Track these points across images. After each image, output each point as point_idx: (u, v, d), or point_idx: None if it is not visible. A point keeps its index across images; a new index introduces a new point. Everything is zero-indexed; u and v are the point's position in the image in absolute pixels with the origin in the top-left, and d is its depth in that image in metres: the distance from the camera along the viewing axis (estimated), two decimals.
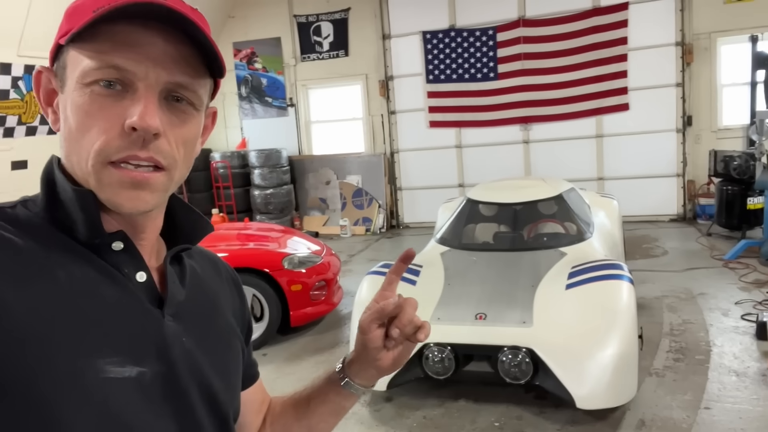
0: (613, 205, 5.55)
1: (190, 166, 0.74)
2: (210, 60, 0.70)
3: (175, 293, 0.75)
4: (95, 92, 0.65)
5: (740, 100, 7.91)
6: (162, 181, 0.68)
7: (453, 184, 9.03)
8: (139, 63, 0.65)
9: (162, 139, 0.66)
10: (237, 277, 0.95)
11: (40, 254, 0.64)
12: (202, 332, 0.77)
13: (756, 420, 3.04)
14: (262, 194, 9.11)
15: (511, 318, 3.31)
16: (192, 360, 0.73)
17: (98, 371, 0.62)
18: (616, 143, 8.43)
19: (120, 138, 0.64)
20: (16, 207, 0.69)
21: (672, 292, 5.18)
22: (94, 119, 0.65)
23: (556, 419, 3.22)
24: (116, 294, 0.67)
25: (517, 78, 8.56)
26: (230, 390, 0.81)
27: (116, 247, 0.69)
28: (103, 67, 0.64)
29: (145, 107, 0.64)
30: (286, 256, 4.72)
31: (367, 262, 7.24)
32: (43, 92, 0.72)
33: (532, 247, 4.23)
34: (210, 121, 0.80)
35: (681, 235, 7.54)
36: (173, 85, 0.67)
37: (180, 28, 0.66)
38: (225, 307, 0.87)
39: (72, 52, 0.66)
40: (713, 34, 7.86)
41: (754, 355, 3.78)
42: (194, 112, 0.71)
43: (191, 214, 0.82)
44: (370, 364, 0.88)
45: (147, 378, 0.66)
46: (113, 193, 0.66)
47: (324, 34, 9.31)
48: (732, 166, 6.77)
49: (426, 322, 0.85)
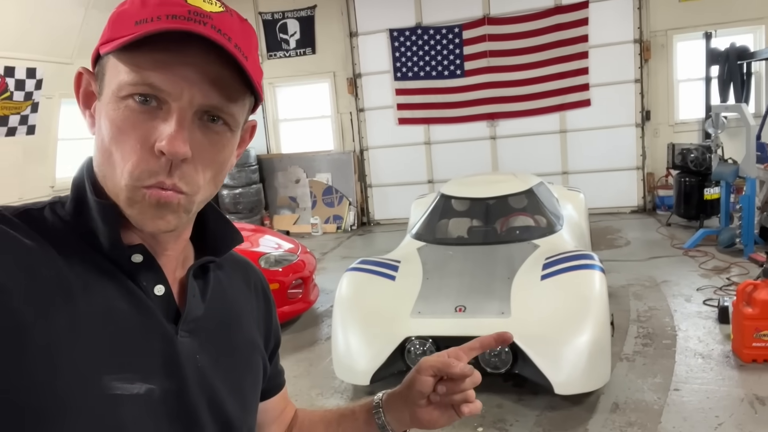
0: (580, 198, 5.73)
1: (219, 185, 0.73)
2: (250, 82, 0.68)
3: (193, 308, 0.74)
4: (129, 107, 0.64)
5: (695, 94, 8.26)
6: (184, 203, 0.67)
7: (423, 181, 9.13)
8: (175, 84, 0.64)
9: (189, 165, 0.66)
10: (267, 285, 0.93)
11: (57, 263, 0.63)
12: (219, 349, 0.76)
13: (723, 399, 3.22)
14: (230, 194, 9.02)
15: (490, 309, 3.40)
16: (205, 378, 0.72)
17: (105, 387, 0.61)
18: (579, 138, 8.67)
19: (149, 160, 0.64)
20: (45, 209, 0.69)
21: (637, 281, 5.38)
22: (126, 135, 0.65)
23: (534, 406, 3.33)
24: (130, 308, 0.66)
25: (483, 75, 8.71)
26: (245, 410, 0.80)
27: (135, 259, 0.69)
28: (138, 83, 0.64)
29: (176, 131, 0.64)
30: (263, 255, 4.71)
31: (340, 259, 7.27)
32: (83, 94, 0.72)
33: (506, 240, 4.34)
34: (248, 134, 0.79)
35: (642, 225, 7.81)
36: (208, 107, 0.66)
37: (217, 48, 0.65)
38: (249, 321, 0.85)
39: (112, 60, 0.66)
40: (669, 31, 8.17)
41: (718, 338, 3.98)
42: (228, 133, 0.70)
43: (223, 224, 0.81)
44: (407, 406, 0.86)
45: (156, 395, 0.65)
46: (139, 212, 0.66)
47: (290, 31, 9.26)
48: (689, 159, 7.06)
49: (477, 401, 0.84)
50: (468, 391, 0.83)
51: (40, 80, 6.51)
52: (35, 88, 6.51)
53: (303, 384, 3.88)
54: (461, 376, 0.82)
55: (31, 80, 6.43)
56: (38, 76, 6.47)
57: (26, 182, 6.79)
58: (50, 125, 6.89)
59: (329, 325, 4.78)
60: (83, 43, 6.72)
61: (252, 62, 0.68)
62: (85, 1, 6.68)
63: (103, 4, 6.66)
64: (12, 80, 6.22)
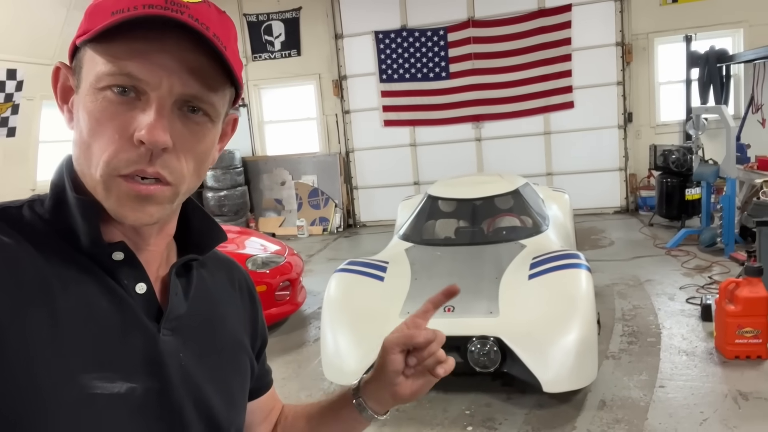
0: (565, 198, 5.79)
1: (202, 176, 0.71)
2: (230, 71, 0.68)
3: (176, 306, 0.72)
4: (107, 98, 0.63)
5: (676, 97, 8.39)
6: (167, 195, 0.66)
7: (408, 182, 9.15)
8: (153, 72, 0.63)
9: (170, 154, 0.65)
10: (252, 284, 0.92)
11: (36, 262, 0.62)
12: (204, 347, 0.75)
13: (707, 395, 3.27)
14: (215, 196, 8.96)
15: (478, 309, 3.42)
16: (189, 377, 0.71)
17: (84, 387, 0.60)
18: (562, 140, 8.76)
19: (128, 150, 0.63)
20: (23, 207, 0.68)
21: (621, 280, 5.45)
22: (103, 127, 0.63)
23: (523, 404, 3.35)
24: (110, 307, 0.65)
25: (468, 77, 8.76)
26: (232, 408, 0.79)
27: (116, 257, 0.68)
28: (116, 73, 0.63)
29: (155, 120, 0.62)
30: (250, 257, 4.69)
31: (326, 261, 7.26)
32: (60, 89, 0.71)
33: (493, 241, 4.37)
34: (230, 127, 0.78)
35: (625, 226, 7.92)
36: (188, 96, 0.65)
37: (197, 37, 0.65)
38: (234, 320, 0.84)
39: (89, 53, 0.65)
40: (651, 34, 8.29)
41: (701, 336, 4.05)
42: (209, 124, 0.69)
43: (206, 222, 0.80)
44: (385, 388, 0.85)
45: (137, 394, 0.64)
46: (118, 204, 0.64)
47: (275, 33, 9.23)
48: (671, 160, 7.17)
49: (450, 358, 0.84)
50: (437, 352, 0.83)
51: (21, 81, 6.41)
52: (16, 90, 6.41)
53: (291, 386, 3.86)
54: (427, 343, 0.82)
55: (12, 81, 6.34)
56: (19, 77, 6.37)
57: (6, 185, 6.67)
58: (31, 127, 6.79)
59: (317, 327, 4.77)
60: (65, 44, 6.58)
61: (231, 52, 0.67)
62: (66, 2, 6.60)
63: (84, 5, 6.57)
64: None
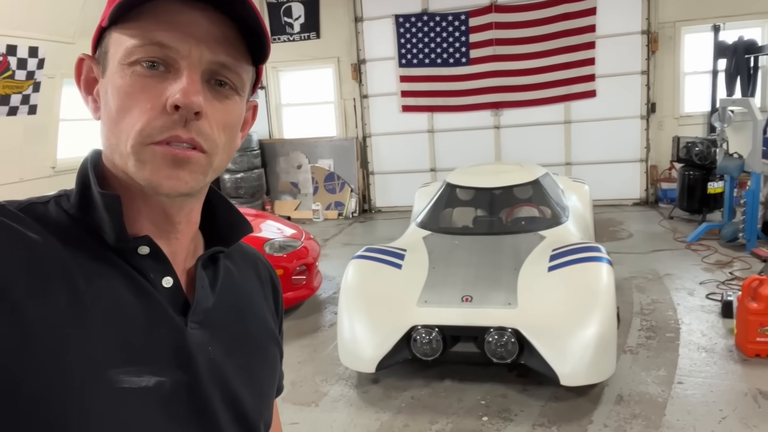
0: (585, 189, 5.72)
1: (230, 156, 0.71)
2: (253, 43, 0.68)
3: (203, 299, 0.72)
4: (137, 73, 0.63)
5: (701, 87, 8.22)
6: (202, 163, 0.66)
7: (425, 169, 9.09)
8: (183, 41, 0.63)
9: (204, 121, 0.64)
10: (276, 278, 0.92)
11: (62, 258, 0.62)
12: (232, 340, 0.75)
13: (726, 393, 3.23)
14: (232, 178, 8.98)
15: (497, 300, 3.40)
16: (218, 370, 0.70)
17: (112, 381, 0.60)
18: (583, 129, 8.63)
19: (162, 117, 0.62)
20: (49, 203, 0.68)
21: (640, 273, 5.39)
22: (135, 100, 0.63)
23: (539, 396, 3.34)
24: (137, 301, 0.65)
25: (488, 63, 8.64)
26: (262, 400, 0.79)
27: (142, 251, 0.67)
28: (146, 44, 0.63)
29: (189, 84, 0.63)
30: (267, 240, 4.70)
31: (341, 246, 7.26)
32: (84, 80, 0.71)
33: (512, 231, 4.33)
34: (251, 114, 0.78)
35: (644, 218, 7.81)
36: (217, 65, 0.65)
37: (223, 9, 0.65)
38: (262, 310, 0.84)
39: (115, 35, 0.65)
40: (677, 23, 8.10)
41: (721, 332, 3.99)
42: (237, 97, 0.69)
43: (231, 213, 0.79)
44: None
45: (166, 388, 0.64)
46: (153, 171, 0.63)
47: (295, 15, 9.16)
48: (694, 152, 7.04)
49: None
50: None
51: (42, 59, 6.44)
52: (37, 68, 6.44)
53: (307, 370, 3.88)
54: None
55: (33, 59, 6.36)
56: (40, 56, 6.40)
57: (27, 162, 6.74)
58: (52, 105, 6.82)
59: (332, 312, 4.80)
60: (85, 22, 6.63)
61: (262, 21, 0.68)
62: None
63: None
64: (14, 59, 6.15)
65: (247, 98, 0.73)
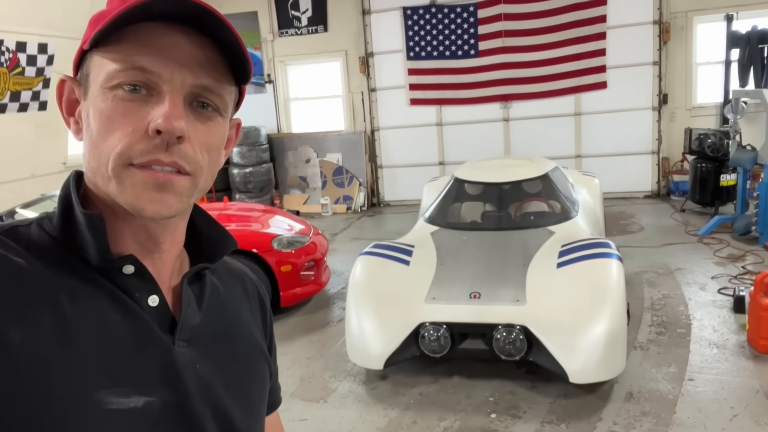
0: (595, 183, 5.66)
1: (214, 175, 0.71)
2: (235, 65, 0.69)
3: (190, 317, 0.72)
4: (119, 96, 0.63)
5: (714, 78, 8.09)
6: (186, 185, 0.65)
7: (434, 162, 9.06)
8: (165, 66, 0.63)
9: (186, 144, 0.64)
10: (264, 293, 0.92)
11: (46, 280, 0.61)
12: (221, 357, 0.74)
13: (738, 390, 3.20)
14: (241, 173, 9.00)
15: (505, 296, 3.38)
16: (207, 387, 0.70)
17: (99, 403, 0.59)
18: (593, 121, 8.55)
19: (143, 141, 0.62)
20: (31, 225, 0.67)
21: (651, 268, 5.34)
22: (117, 123, 0.63)
23: (548, 393, 3.33)
24: (123, 321, 0.65)
25: (497, 55, 8.57)
26: (252, 416, 0.78)
27: (127, 270, 0.67)
28: (128, 68, 0.62)
29: (171, 109, 0.62)
30: (275, 236, 4.71)
31: (350, 240, 7.27)
32: (66, 102, 0.70)
33: (521, 226, 4.30)
34: (234, 132, 0.78)
35: (656, 211, 7.74)
36: (199, 88, 0.65)
37: (205, 31, 0.65)
38: (249, 326, 0.83)
39: (96, 58, 0.65)
40: (689, 12, 7.98)
41: (732, 328, 3.95)
42: (219, 118, 0.69)
43: (215, 229, 0.79)
44: None
45: (155, 408, 0.64)
46: (135, 195, 0.63)
47: (302, 8, 9.12)
48: (706, 144, 6.95)
49: None
50: None
51: (52, 56, 6.47)
52: (47, 64, 6.48)
53: (316, 366, 3.90)
54: None
55: (43, 56, 6.39)
56: (50, 52, 6.43)
57: (38, 158, 6.80)
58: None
59: (341, 307, 4.80)
60: None
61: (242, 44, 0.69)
62: None
63: None
64: (24, 56, 6.19)
65: (230, 118, 0.74)
